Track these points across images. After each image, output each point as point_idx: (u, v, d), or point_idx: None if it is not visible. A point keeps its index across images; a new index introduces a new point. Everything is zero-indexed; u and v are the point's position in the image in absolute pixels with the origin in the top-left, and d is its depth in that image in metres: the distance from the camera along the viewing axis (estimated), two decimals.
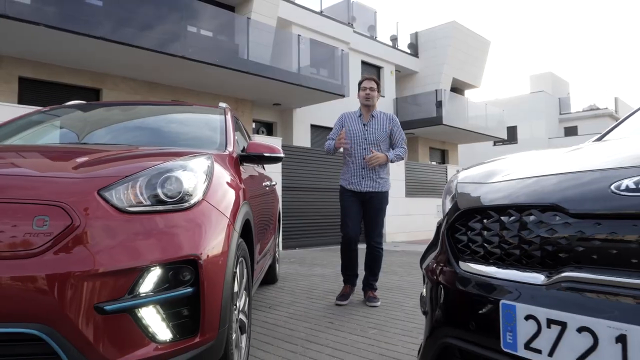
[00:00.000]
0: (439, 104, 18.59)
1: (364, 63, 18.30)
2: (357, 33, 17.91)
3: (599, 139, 2.09)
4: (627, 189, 0.95)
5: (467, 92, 25.81)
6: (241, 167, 2.63)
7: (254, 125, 14.49)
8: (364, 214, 4.01)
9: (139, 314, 1.43)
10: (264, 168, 4.48)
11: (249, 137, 4.23)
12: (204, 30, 12.29)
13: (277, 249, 4.96)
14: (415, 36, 21.49)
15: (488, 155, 24.75)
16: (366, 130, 4.00)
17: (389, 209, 4.51)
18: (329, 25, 16.51)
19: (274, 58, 12.83)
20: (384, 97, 18.95)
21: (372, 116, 4.06)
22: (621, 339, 0.86)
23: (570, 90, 37.30)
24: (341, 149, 4.04)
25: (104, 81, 11.05)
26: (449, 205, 1.43)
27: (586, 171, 1.11)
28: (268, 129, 15.38)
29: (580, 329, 0.91)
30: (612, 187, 0.98)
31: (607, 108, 33.06)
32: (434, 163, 21.90)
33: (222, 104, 3.39)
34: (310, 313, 3.53)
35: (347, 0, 18.86)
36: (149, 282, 1.46)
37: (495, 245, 1.19)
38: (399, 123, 4.17)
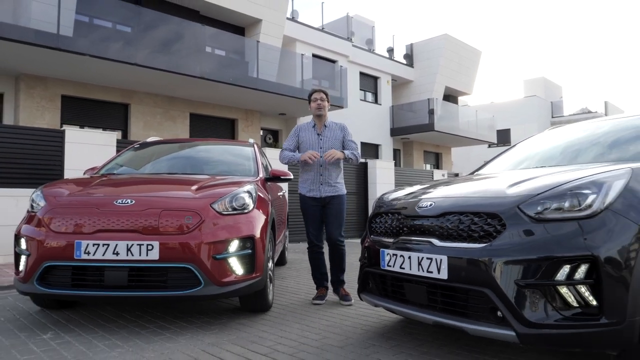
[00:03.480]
0: (431, 112, 20.19)
1: (362, 74, 19.91)
2: (355, 47, 19.51)
3: (472, 173, 3.74)
4: (422, 207, 2.59)
5: (464, 98, 27.39)
6: (267, 184, 4.29)
7: (261, 132, 16.12)
8: (325, 216, 4.23)
9: (231, 261, 3.10)
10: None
11: (265, 156, 5.88)
12: (218, 50, 13.98)
13: (286, 240, 6.62)
14: (410, 47, 23.09)
15: (483, 156, 26.36)
16: (320, 139, 4.23)
17: None
18: (330, 40, 18.13)
19: (280, 74, 14.47)
20: (380, 105, 20.62)
21: (325, 126, 4.29)
22: (415, 257, 2.50)
23: (564, 94, 38.76)
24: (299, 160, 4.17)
25: (132, 97, 12.69)
26: (371, 210, 3.09)
27: (413, 196, 2.76)
28: (274, 135, 16.99)
29: (401, 255, 2.56)
30: (416, 206, 2.63)
31: (597, 112, 34.55)
32: (427, 165, 23.54)
33: (251, 140, 5.05)
34: (310, 282, 5.12)
35: (347, 16, 20.48)
36: (233, 246, 3.12)
37: (382, 228, 2.83)
38: (349, 131, 4.41)
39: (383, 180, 12.26)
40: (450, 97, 24.20)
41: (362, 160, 16.56)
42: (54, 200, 3.23)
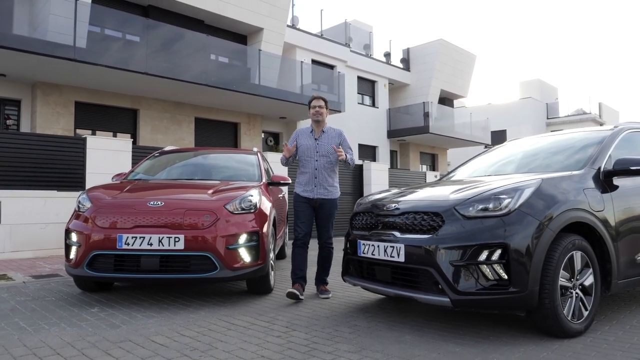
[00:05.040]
0: (426, 115, 20.98)
1: (359, 78, 20.70)
2: (353, 52, 20.29)
3: (441, 178, 4.52)
4: (388, 208, 3.36)
5: (462, 100, 28.16)
6: (269, 187, 5.07)
7: (262, 135, 16.91)
8: (316, 218, 4.42)
9: (240, 251, 3.88)
10: None
11: (266, 161, 6.65)
12: (221, 57, 14.77)
13: (286, 236, 7.40)
14: (407, 52, 23.86)
15: None
16: (317, 144, 4.40)
17: None
18: (328, 46, 18.90)
19: (280, 80, 15.25)
20: (377, 108, 21.41)
21: (323, 131, 4.48)
22: (383, 246, 3.26)
23: (559, 95, 39.45)
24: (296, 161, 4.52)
25: (141, 103, 13.48)
26: (354, 209, 3.87)
27: (384, 200, 3.54)
28: (275, 138, 17.77)
29: (373, 244, 3.33)
30: (385, 206, 3.40)
31: (591, 113, 35.26)
32: (424, 166, 24.32)
33: (255, 149, 5.83)
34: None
35: (345, 22, 21.25)
36: (242, 239, 3.91)
37: (360, 224, 3.61)
38: (346, 137, 4.58)
39: (378, 181, 13.02)
40: (446, 99, 24.98)
41: (360, 162, 17.39)
42: (99, 202, 4.01)
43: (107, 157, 7.93)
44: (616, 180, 3.48)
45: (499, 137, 31.08)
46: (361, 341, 2.96)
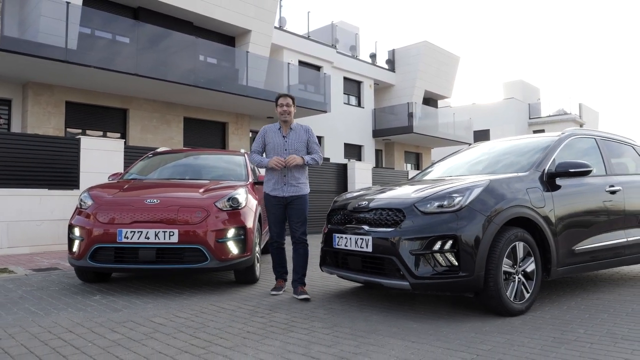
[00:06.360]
0: (410, 115, 21.54)
1: (345, 79, 21.18)
2: (340, 53, 20.75)
3: (412, 178, 5.00)
4: (360, 205, 3.83)
5: (447, 100, 28.79)
6: (255, 186, 5.51)
7: (250, 134, 17.29)
8: (288, 215, 4.41)
9: (229, 244, 4.32)
10: None
11: None
12: (210, 58, 15.13)
13: None
14: (392, 53, 24.40)
15: None
16: (285, 141, 4.38)
17: None
18: (315, 48, 19.34)
19: (267, 80, 15.65)
20: (363, 108, 21.92)
21: (291, 129, 4.43)
22: (354, 238, 3.72)
23: (541, 96, 40.38)
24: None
25: (131, 102, 13.79)
26: (331, 206, 4.32)
27: (356, 198, 4.00)
28: None
29: (345, 237, 3.79)
30: (356, 204, 3.86)
31: (571, 113, 36.20)
32: (408, 165, 24.90)
33: (242, 150, 6.26)
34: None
35: (332, 24, 21.71)
36: (230, 233, 4.34)
37: (335, 220, 4.07)
38: (313, 133, 4.51)
39: (361, 180, 13.50)
40: (430, 100, 25.59)
41: (345, 161, 17.84)
42: (100, 200, 4.42)
43: (100, 157, 8.29)
44: (559, 181, 3.99)
45: (482, 137, 31.82)
46: (334, 320, 3.42)
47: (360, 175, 13.56)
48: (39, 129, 11.82)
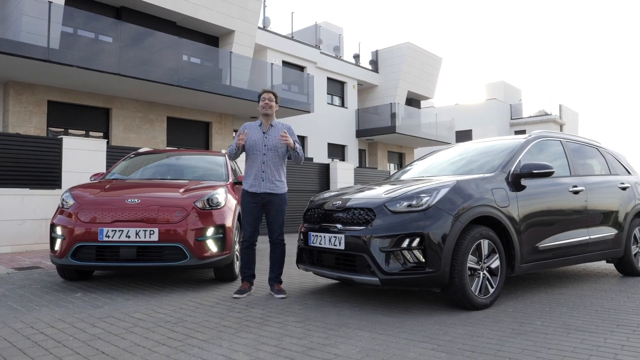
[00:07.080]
0: (393, 115, 21.81)
1: (329, 79, 21.36)
2: (323, 54, 20.92)
3: (387, 178, 5.18)
4: (334, 204, 3.99)
5: (431, 101, 29.16)
6: (235, 186, 5.64)
7: (234, 134, 17.35)
8: (266, 214, 4.38)
9: (208, 242, 4.45)
10: None
11: (235, 162, 7.20)
12: (193, 58, 15.16)
13: None
14: (375, 54, 24.65)
15: None
16: (265, 137, 4.35)
17: None
18: (299, 48, 19.48)
19: (251, 80, 15.74)
20: (346, 108, 22.12)
21: (271, 125, 4.42)
22: (328, 237, 3.88)
23: (523, 97, 41.05)
24: (243, 155, 4.46)
25: (113, 102, 13.77)
26: (307, 206, 4.48)
27: (331, 198, 4.17)
28: None
29: (320, 236, 3.95)
30: (331, 203, 4.02)
31: (552, 114, 36.90)
32: (391, 165, 25.18)
33: (223, 151, 6.38)
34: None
35: (315, 24, 21.86)
36: (210, 231, 4.46)
37: (311, 219, 4.23)
38: (294, 131, 4.52)
39: (343, 179, 13.69)
40: (413, 100, 25.91)
41: (328, 161, 18.00)
42: (81, 200, 4.51)
43: (82, 156, 8.32)
44: (524, 182, 4.20)
45: (464, 137, 32.29)
46: (307, 314, 3.58)
47: (343, 175, 13.75)
48: (20, 129, 11.76)
